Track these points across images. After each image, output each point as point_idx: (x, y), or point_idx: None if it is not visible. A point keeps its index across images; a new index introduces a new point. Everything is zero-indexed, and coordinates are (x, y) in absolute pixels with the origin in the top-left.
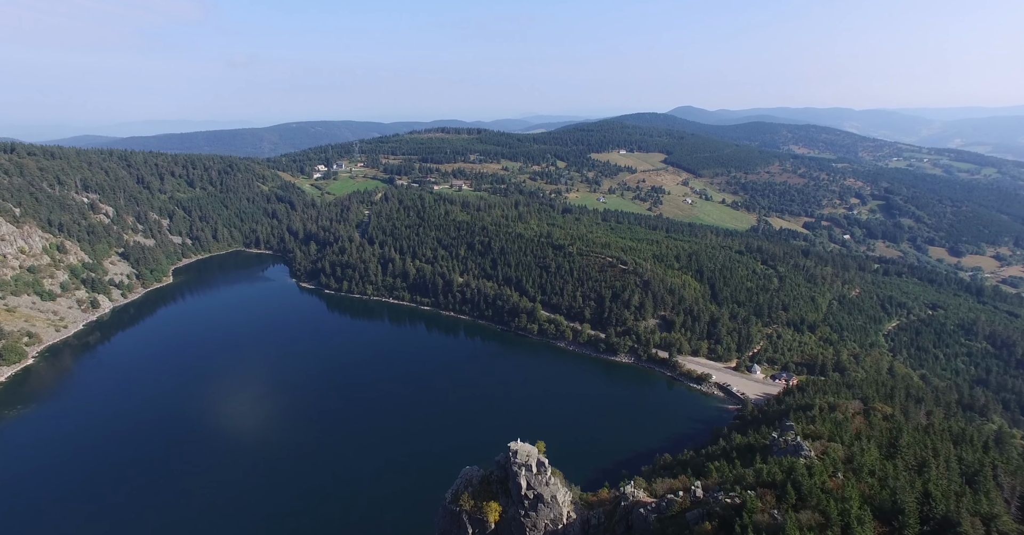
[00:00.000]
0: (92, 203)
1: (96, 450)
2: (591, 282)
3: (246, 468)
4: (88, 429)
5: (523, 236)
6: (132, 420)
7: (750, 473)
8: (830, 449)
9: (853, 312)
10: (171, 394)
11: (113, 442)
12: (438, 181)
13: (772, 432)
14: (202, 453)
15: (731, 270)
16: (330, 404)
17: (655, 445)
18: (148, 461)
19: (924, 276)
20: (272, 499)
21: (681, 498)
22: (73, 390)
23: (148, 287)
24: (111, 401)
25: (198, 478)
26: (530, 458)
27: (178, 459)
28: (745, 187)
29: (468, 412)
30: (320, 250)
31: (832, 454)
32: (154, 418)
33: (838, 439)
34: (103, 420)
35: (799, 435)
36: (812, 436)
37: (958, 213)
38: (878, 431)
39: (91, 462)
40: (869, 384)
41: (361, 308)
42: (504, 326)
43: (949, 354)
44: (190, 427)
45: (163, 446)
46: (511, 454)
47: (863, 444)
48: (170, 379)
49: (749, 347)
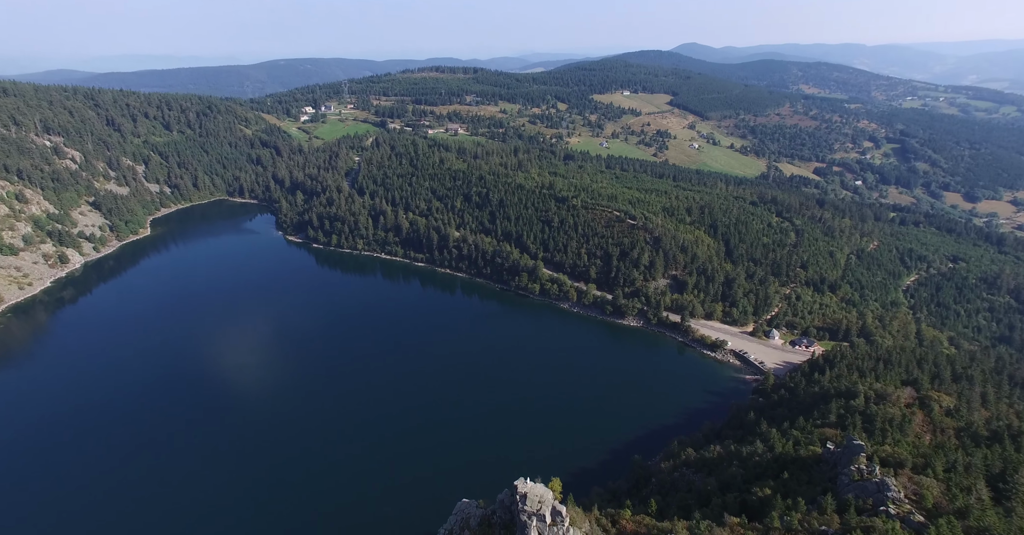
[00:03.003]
0: (56, 147)
1: (80, 411)
2: (597, 238)
3: (236, 425)
4: (68, 390)
5: (523, 187)
6: (116, 379)
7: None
8: (923, 487)
9: (872, 267)
10: (156, 352)
11: (98, 401)
12: (432, 125)
13: (813, 428)
14: (192, 411)
15: (746, 224)
16: (321, 366)
17: (668, 422)
18: (136, 420)
19: (942, 226)
20: (255, 464)
21: None
22: (49, 350)
23: (123, 240)
24: (91, 360)
25: (190, 437)
26: (543, 505)
27: (164, 416)
28: (754, 131)
29: (464, 382)
30: (307, 201)
31: (929, 496)
32: (140, 376)
33: (930, 470)
34: (83, 380)
35: (873, 459)
36: (890, 461)
37: (976, 156)
38: (952, 440)
39: (76, 422)
40: (904, 355)
41: (352, 264)
42: (503, 285)
43: (970, 310)
44: (178, 385)
45: (151, 405)
46: (518, 498)
47: (961, 477)
48: (153, 337)
49: (767, 310)
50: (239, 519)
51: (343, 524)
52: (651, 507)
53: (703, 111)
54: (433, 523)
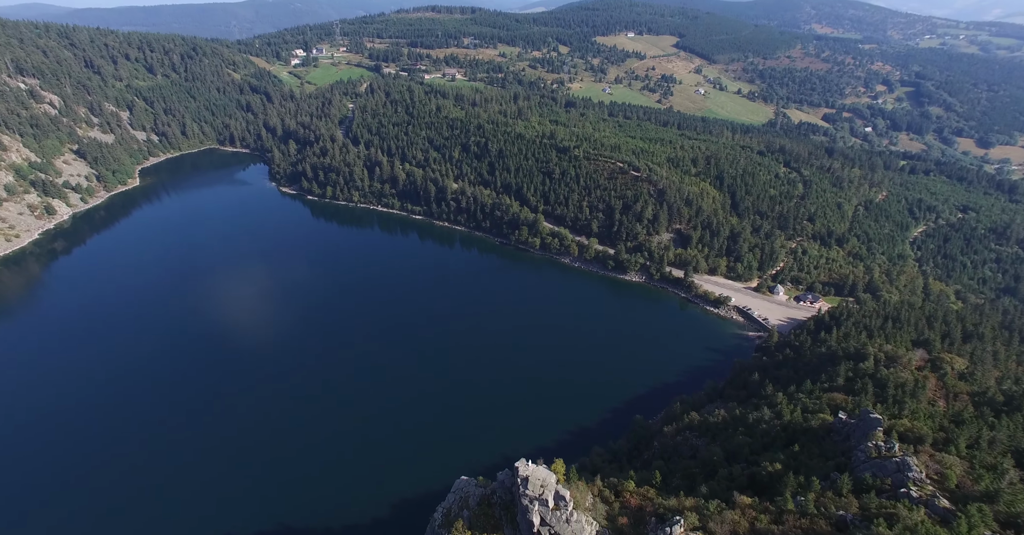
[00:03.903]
0: (31, 90)
1: (84, 361)
2: (599, 191)
3: (229, 388)
4: (68, 340)
5: (523, 136)
6: (114, 331)
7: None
8: (946, 465)
9: (880, 219)
10: (154, 305)
11: (101, 353)
12: (429, 69)
13: (821, 393)
14: (189, 365)
15: (753, 175)
16: (316, 326)
17: (669, 379)
18: (135, 372)
19: (953, 174)
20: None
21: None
22: (44, 303)
23: (112, 191)
24: (91, 312)
25: (185, 393)
26: (545, 490)
27: (162, 370)
28: (763, 75)
29: (462, 339)
30: (300, 150)
31: (952, 475)
32: (138, 329)
33: (952, 447)
34: (83, 332)
35: (891, 434)
36: (909, 437)
37: (993, 99)
38: (968, 408)
39: (85, 372)
40: (913, 313)
41: (348, 216)
42: (503, 239)
43: (977, 261)
44: (176, 339)
45: (150, 356)
46: (520, 482)
47: (985, 454)
48: (150, 290)
49: (772, 265)
50: (230, 491)
51: (332, 488)
52: (655, 478)
53: (710, 54)
54: (430, 499)
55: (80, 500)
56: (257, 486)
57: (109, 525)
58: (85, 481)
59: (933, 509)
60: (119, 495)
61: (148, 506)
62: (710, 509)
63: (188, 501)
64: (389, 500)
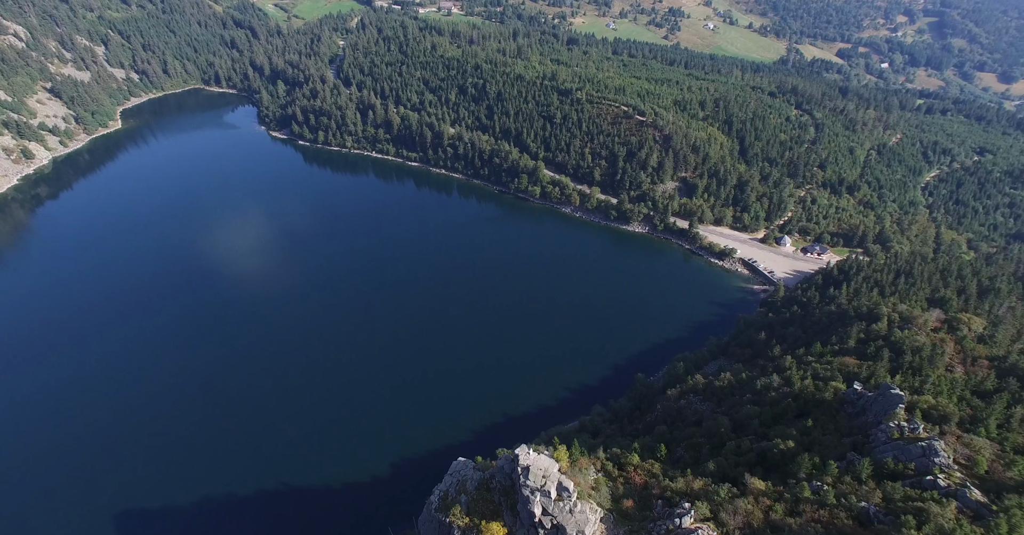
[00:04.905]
0: None
1: (81, 308)
2: (602, 137)
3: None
4: (62, 288)
5: (523, 78)
6: (107, 278)
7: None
8: (975, 449)
9: (892, 164)
10: (145, 252)
11: (99, 303)
12: (423, 2)
13: (832, 357)
14: (188, 313)
15: (763, 119)
16: (310, 279)
17: (671, 335)
18: (132, 317)
19: (971, 113)
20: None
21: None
22: (33, 249)
23: (93, 133)
24: (79, 258)
25: (176, 344)
26: (547, 481)
27: (157, 315)
28: (776, 7)
29: (460, 293)
30: (289, 92)
31: (982, 461)
32: (132, 275)
33: (981, 428)
34: (78, 279)
35: (914, 412)
36: (933, 415)
37: (1022, 27)
38: (991, 378)
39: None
40: (926, 267)
41: (341, 163)
42: (502, 188)
43: (989, 206)
44: (169, 286)
45: (145, 302)
46: (520, 471)
47: (1017, 435)
48: (141, 237)
49: (780, 214)
50: (205, 477)
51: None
52: (660, 451)
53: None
54: (429, 464)
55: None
56: (238, 464)
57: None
58: (98, 430)
59: (964, 502)
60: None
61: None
62: (721, 495)
63: (173, 470)
64: (384, 475)
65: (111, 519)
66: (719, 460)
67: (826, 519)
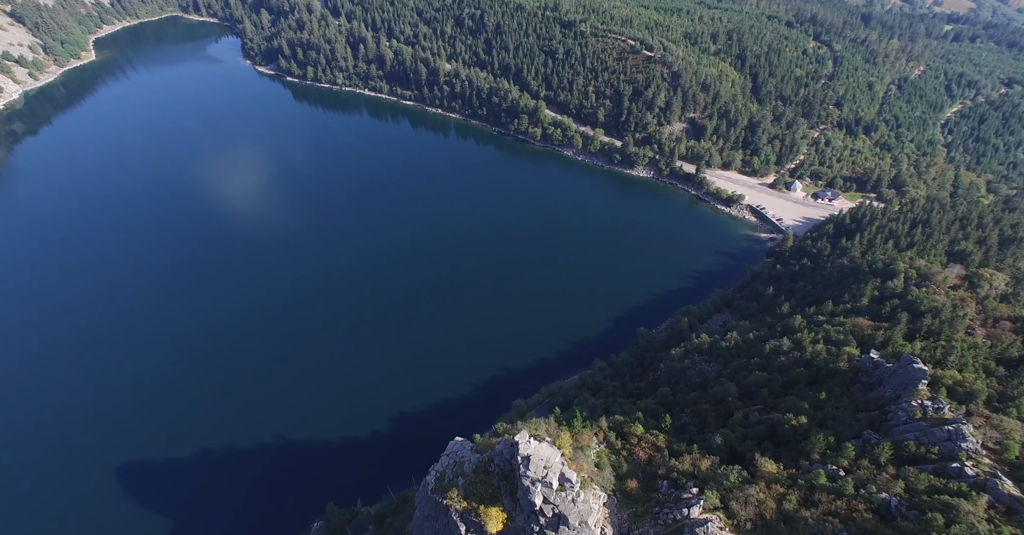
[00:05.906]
0: None
1: (76, 254)
2: (607, 74)
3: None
4: (54, 234)
5: (523, 8)
6: (108, 225)
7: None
8: (1004, 431)
9: (912, 99)
10: (138, 193)
11: (94, 248)
12: None
13: (845, 318)
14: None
15: (779, 53)
16: (303, 230)
17: (674, 286)
18: (135, 262)
19: (1003, 39)
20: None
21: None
22: (21, 190)
23: (65, 66)
24: (77, 202)
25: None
26: (549, 472)
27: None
28: None
29: (458, 242)
30: (274, 22)
31: (1013, 445)
32: (127, 214)
33: (1012, 408)
34: (69, 225)
35: (938, 389)
36: (958, 393)
37: None
38: (1015, 342)
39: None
40: (944, 216)
41: (333, 101)
42: (502, 129)
43: (1010, 143)
44: (172, 227)
45: (143, 238)
46: (520, 460)
47: None
48: (132, 179)
49: (791, 158)
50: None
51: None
52: (665, 421)
53: None
54: (428, 422)
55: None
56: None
57: None
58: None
59: (996, 495)
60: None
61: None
62: (731, 479)
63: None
64: (383, 431)
65: (113, 471)
66: (726, 433)
67: (844, 511)
